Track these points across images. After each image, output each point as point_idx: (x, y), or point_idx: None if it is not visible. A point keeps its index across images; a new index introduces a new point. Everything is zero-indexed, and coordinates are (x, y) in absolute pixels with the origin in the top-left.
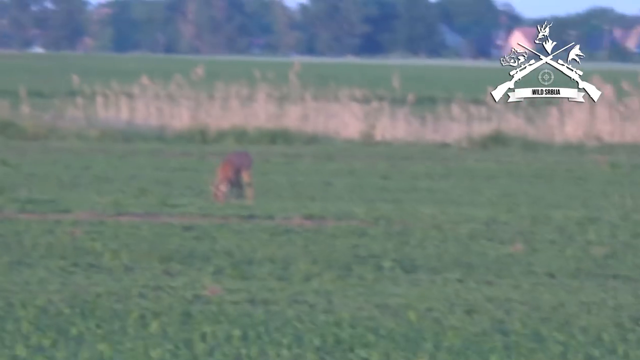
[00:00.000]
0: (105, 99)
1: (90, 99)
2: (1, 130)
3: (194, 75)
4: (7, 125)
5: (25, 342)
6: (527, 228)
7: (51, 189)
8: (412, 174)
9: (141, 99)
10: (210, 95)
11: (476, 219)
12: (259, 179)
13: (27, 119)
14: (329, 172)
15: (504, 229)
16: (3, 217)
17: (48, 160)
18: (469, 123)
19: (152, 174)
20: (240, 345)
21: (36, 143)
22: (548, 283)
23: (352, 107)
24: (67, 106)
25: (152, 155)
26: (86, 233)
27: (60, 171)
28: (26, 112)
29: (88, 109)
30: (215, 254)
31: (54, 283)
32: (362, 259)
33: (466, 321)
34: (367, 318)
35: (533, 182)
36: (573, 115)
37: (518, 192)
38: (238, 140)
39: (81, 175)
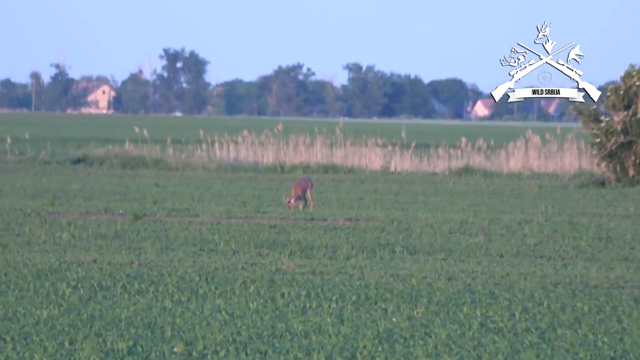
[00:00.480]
0: (220, 145)
1: (210, 144)
2: (154, 164)
3: (276, 129)
4: (158, 161)
5: (171, 298)
6: (486, 226)
7: (186, 201)
8: (413, 192)
9: (242, 145)
10: (286, 143)
11: (454, 220)
12: (317, 195)
13: (171, 157)
14: (361, 191)
15: (471, 226)
16: (157, 219)
17: (184, 183)
18: (449, 160)
19: (250, 192)
20: (305, 300)
21: (177, 172)
22: (499, 261)
23: (376, 150)
24: (196, 149)
25: (249, 180)
26: (208, 229)
27: (192, 190)
28: (170, 153)
29: (209, 151)
30: (289, 243)
31: (188, 261)
32: (382, 246)
33: (447, 285)
34: (385, 283)
35: (490, 197)
36: (515, 155)
37: (480, 204)
38: (304, 171)
39: (205, 193)
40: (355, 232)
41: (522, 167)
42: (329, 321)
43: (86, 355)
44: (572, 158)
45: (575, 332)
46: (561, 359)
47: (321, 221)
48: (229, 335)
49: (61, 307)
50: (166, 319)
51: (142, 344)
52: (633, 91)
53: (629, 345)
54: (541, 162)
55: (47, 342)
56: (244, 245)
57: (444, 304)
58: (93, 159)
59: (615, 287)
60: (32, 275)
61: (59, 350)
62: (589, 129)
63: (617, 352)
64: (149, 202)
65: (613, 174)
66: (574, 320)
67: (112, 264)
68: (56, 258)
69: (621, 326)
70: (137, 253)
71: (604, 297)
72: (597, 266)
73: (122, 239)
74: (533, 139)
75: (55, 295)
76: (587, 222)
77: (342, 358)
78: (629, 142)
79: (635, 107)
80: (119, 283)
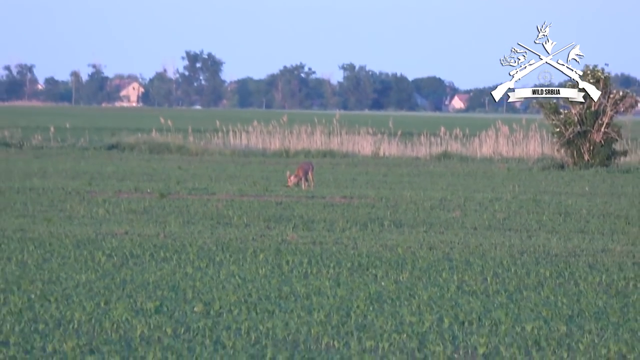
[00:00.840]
0: (234, 133)
1: (225, 133)
2: (177, 150)
3: (282, 120)
4: (180, 147)
5: (191, 265)
6: (461, 203)
7: (205, 182)
8: (399, 174)
9: (253, 133)
10: (290, 132)
11: (434, 198)
12: (317, 176)
13: (191, 144)
14: (354, 173)
15: (449, 203)
16: (179, 197)
17: (203, 166)
18: (430, 146)
19: (259, 174)
20: (307, 266)
21: (196, 157)
22: (473, 233)
23: (367, 138)
24: (213, 137)
25: (259, 164)
26: (223, 206)
27: (210, 172)
28: (191, 140)
29: (224, 138)
30: (293, 217)
31: (206, 233)
32: (372, 220)
33: (429, 253)
34: (375, 252)
35: (465, 178)
36: (486, 142)
37: (457, 184)
38: (306, 156)
39: (221, 175)
40: (349, 208)
41: (493, 153)
42: (327, 284)
43: (119, 313)
44: (536, 145)
45: (538, 294)
46: (526, 317)
47: (320, 199)
48: (242, 297)
49: (97, 272)
50: (187, 282)
51: (167, 304)
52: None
53: (584, 305)
54: (509, 148)
55: (86, 302)
56: (254, 219)
57: (426, 270)
58: (125, 146)
59: (573, 255)
60: (73, 245)
61: (95, 310)
62: (550, 120)
63: (574, 311)
64: (172, 182)
65: (570, 159)
66: (537, 284)
67: (141, 235)
68: (93, 230)
69: (578, 289)
70: (163, 226)
71: (563, 264)
72: (557, 237)
73: (150, 214)
74: (502, 128)
75: (92, 262)
76: (549, 200)
77: (338, 316)
78: (584, 132)
79: (590, 102)
80: (147, 252)
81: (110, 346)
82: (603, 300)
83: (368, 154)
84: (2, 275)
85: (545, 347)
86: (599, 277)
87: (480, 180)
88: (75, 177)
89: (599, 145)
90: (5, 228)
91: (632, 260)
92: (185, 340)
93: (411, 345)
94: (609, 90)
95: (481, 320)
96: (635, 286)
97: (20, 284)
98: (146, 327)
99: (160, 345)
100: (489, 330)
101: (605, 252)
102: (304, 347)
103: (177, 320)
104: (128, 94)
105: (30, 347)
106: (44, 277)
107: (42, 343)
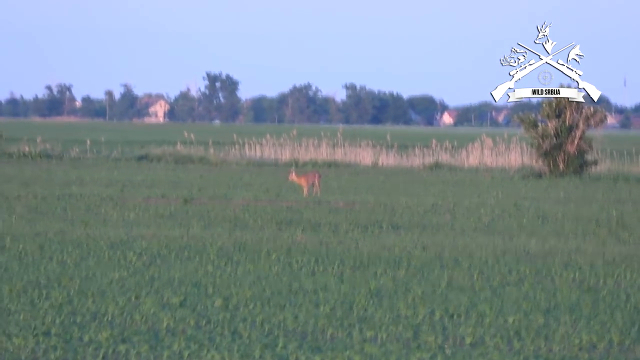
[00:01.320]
0: (249, 145)
1: (242, 146)
2: (199, 161)
3: (292, 134)
4: (202, 158)
5: (212, 263)
6: (451, 208)
7: (223, 189)
8: (396, 182)
9: (266, 146)
10: (299, 144)
11: (427, 204)
12: (323, 184)
13: (211, 155)
14: (357, 181)
15: (440, 208)
16: (201, 203)
17: (222, 175)
18: (423, 157)
19: (272, 182)
20: (314, 265)
21: (216, 167)
22: (461, 235)
23: (367, 149)
24: (231, 149)
25: (271, 173)
26: (240, 210)
27: (228, 180)
28: (211, 152)
29: (241, 150)
30: (302, 220)
31: (225, 234)
32: (372, 223)
33: (422, 253)
34: (375, 251)
35: (454, 186)
36: (473, 154)
37: (447, 191)
38: (313, 166)
39: (238, 183)
40: (352, 212)
41: (479, 163)
42: (332, 281)
43: (148, 307)
44: (517, 156)
45: (519, 289)
46: (509, 310)
47: (326, 204)
48: (257, 292)
49: (129, 270)
50: (208, 279)
51: (190, 299)
52: (563, 104)
53: (560, 299)
54: (493, 159)
55: (118, 297)
56: (267, 222)
57: (420, 268)
58: (152, 157)
59: (550, 255)
60: (107, 246)
61: (127, 304)
62: (529, 133)
63: (551, 305)
64: (195, 189)
65: (547, 168)
66: (518, 280)
67: (167, 237)
68: (125, 233)
69: (554, 285)
70: (186, 229)
71: (541, 263)
72: (535, 239)
73: (175, 218)
74: (487, 141)
75: (124, 261)
76: (528, 205)
77: (342, 309)
78: (559, 144)
79: (564, 117)
80: (172, 252)
81: (140, 336)
82: (576, 295)
83: (368, 164)
84: (44, 273)
85: (525, 337)
86: (573, 274)
87: (467, 187)
88: (109, 185)
89: (573, 156)
90: (47, 231)
91: (602, 259)
92: (207, 331)
93: (406, 335)
94: (581, 107)
95: (468, 313)
96: (605, 282)
97: (60, 281)
98: (172, 319)
99: (184, 336)
100: (475, 321)
101: (579, 252)
102: (312, 337)
103: (199, 313)
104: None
105: (69, 337)
106: (81, 275)
107: (80, 334)
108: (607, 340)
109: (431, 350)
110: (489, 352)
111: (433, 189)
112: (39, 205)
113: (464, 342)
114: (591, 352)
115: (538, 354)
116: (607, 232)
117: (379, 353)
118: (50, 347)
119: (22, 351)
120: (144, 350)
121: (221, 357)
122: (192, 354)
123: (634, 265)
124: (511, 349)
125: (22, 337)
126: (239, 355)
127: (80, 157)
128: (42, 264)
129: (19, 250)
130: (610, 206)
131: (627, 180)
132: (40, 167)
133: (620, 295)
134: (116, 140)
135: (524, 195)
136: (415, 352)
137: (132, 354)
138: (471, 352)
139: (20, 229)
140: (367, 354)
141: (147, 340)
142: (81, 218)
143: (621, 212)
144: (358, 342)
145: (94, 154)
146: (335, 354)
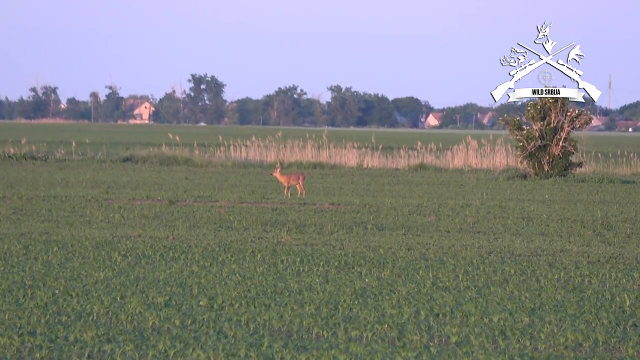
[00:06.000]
0: (235, 147)
1: (227, 147)
2: (184, 162)
3: (277, 136)
4: (187, 160)
5: (197, 264)
6: (436, 209)
7: (209, 190)
8: (381, 183)
9: (251, 147)
10: (284, 146)
11: (411, 204)
12: (308, 186)
13: (197, 157)
14: (341, 182)
15: (425, 209)
16: (186, 204)
17: (207, 177)
18: (408, 159)
19: (257, 183)
20: (299, 265)
21: (201, 168)
22: (446, 235)
23: (352, 151)
24: (216, 151)
25: (256, 174)
26: (225, 212)
27: (213, 182)
28: (196, 154)
29: (226, 152)
30: (287, 222)
31: (210, 235)
32: (357, 224)
33: (407, 253)
34: (360, 252)
35: (439, 187)
36: (458, 155)
37: (432, 192)
38: (298, 167)
39: (223, 184)
40: (337, 213)
41: (464, 164)
42: (317, 281)
43: (133, 307)
44: (502, 157)
45: (504, 289)
46: (494, 310)
47: (311, 205)
48: (242, 292)
49: (114, 271)
50: (194, 279)
51: (176, 299)
52: (547, 107)
53: (545, 298)
54: (478, 160)
55: (103, 297)
56: (252, 223)
57: (405, 268)
58: (138, 158)
59: (534, 255)
60: (92, 246)
61: (112, 303)
62: (514, 135)
63: (536, 304)
64: (180, 191)
65: (532, 170)
66: (503, 280)
67: (153, 237)
68: (110, 233)
69: (539, 284)
70: (171, 229)
71: (526, 263)
72: (520, 239)
73: (160, 219)
74: (472, 143)
75: (109, 261)
76: (513, 206)
77: (327, 309)
78: (544, 146)
79: (549, 119)
80: (157, 252)
81: (125, 336)
82: (561, 295)
83: (353, 166)
84: (29, 273)
85: (510, 337)
86: (558, 274)
87: (452, 188)
88: (94, 187)
89: (558, 157)
90: (32, 231)
91: (587, 260)
92: (192, 330)
93: (392, 335)
94: (566, 109)
95: (453, 313)
96: (590, 282)
97: (45, 281)
98: (157, 319)
99: (169, 335)
100: (460, 321)
101: (563, 252)
102: (297, 337)
103: (184, 313)
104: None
105: (54, 337)
106: (66, 275)
107: (65, 333)
108: (592, 339)
109: (416, 350)
110: (474, 352)
111: (418, 190)
112: (24, 206)
113: (449, 341)
114: (577, 350)
115: (523, 352)
116: (591, 233)
117: (364, 352)
118: (35, 346)
119: (7, 350)
120: (129, 349)
121: (207, 356)
122: (177, 353)
123: (619, 265)
124: (496, 348)
125: (7, 336)
126: (224, 355)
127: (66, 158)
128: (27, 264)
129: (3, 251)
130: (595, 207)
131: (612, 181)
132: (25, 168)
133: (605, 295)
134: (101, 142)
135: (509, 196)
136: (400, 351)
137: (118, 353)
138: (456, 351)
139: (5, 229)
140: (353, 353)
141: (133, 339)
142: (66, 219)
143: (606, 213)
144: (343, 341)
145: (79, 156)
146: (320, 353)
